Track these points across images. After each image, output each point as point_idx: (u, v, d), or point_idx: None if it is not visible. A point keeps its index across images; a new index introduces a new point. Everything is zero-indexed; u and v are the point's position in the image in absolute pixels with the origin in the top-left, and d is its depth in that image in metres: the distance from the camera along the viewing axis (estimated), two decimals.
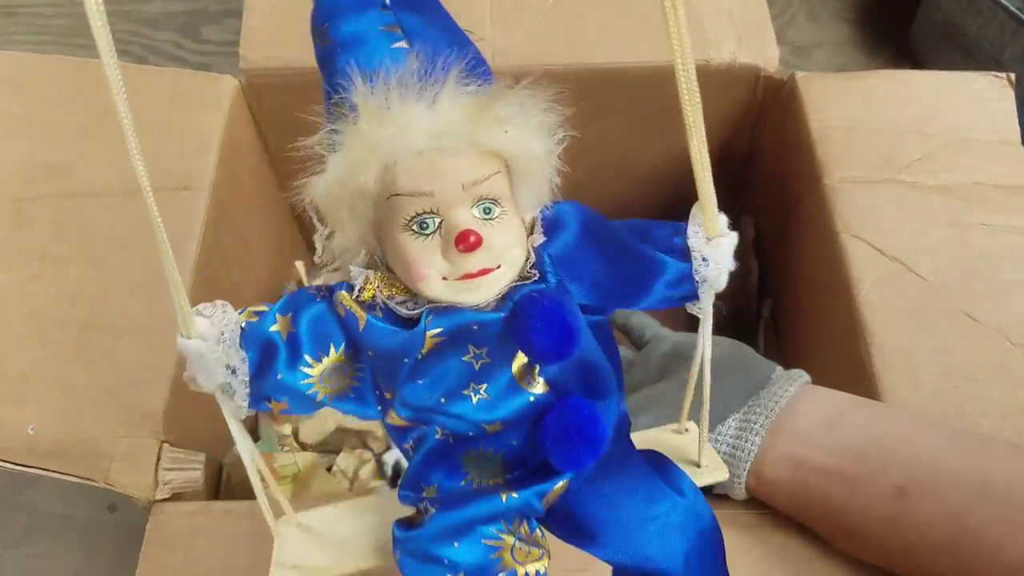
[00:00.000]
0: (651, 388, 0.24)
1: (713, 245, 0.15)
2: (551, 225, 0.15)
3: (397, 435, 0.16)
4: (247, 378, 0.14)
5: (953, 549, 0.19)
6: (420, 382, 0.14)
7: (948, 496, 0.20)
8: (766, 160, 0.39)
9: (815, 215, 0.31)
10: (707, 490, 0.30)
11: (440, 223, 0.13)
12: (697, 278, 0.15)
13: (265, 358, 0.14)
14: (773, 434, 0.22)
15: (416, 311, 0.14)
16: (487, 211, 0.14)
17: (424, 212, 0.13)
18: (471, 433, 0.15)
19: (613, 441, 0.15)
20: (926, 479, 0.20)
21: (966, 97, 0.32)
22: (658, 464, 0.16)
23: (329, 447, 0.37)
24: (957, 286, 0.28)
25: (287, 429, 0.35)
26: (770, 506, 0.23)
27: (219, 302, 0.14)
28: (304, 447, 0.36)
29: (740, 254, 0.16)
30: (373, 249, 0.14)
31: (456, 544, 0.15)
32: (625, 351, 0.28)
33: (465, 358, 0.14)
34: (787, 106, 0.34)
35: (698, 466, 0.19)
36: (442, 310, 0.14)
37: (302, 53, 0.34)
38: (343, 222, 0.14)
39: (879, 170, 0.31)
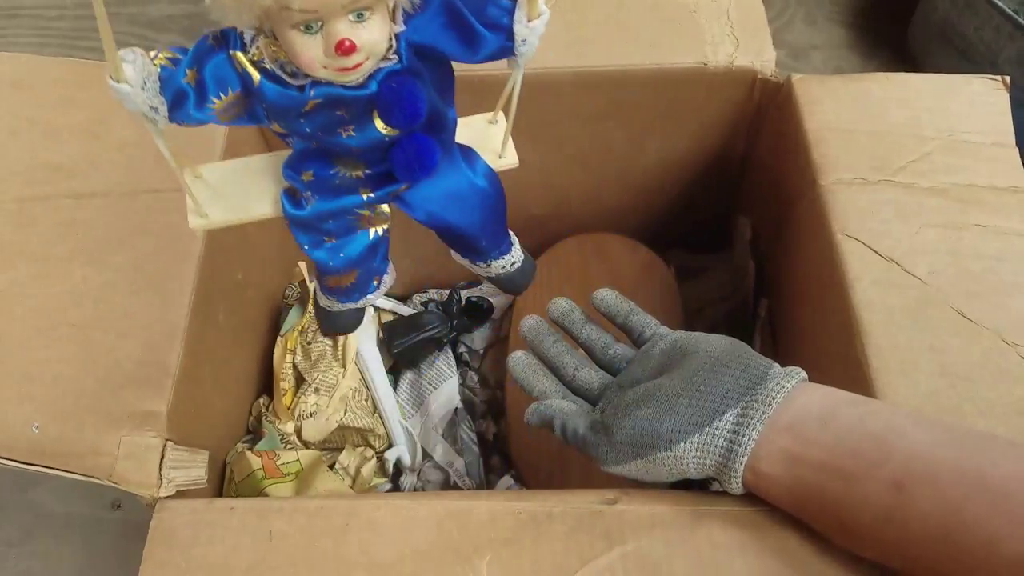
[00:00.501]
0: (649, 383, 0.25)
1: (531, 27, 0.19)
2: (417, 6, 0.18)
3: (280, 135, 0.20)
4: (166, 114, 0.18)
5: (951, 543, 0.19)
6: (303, 121, 0.19)
7: (945, 490, 0.20)
8: (763, 161, 0.39)
9: (811, 216, 0.32)
10: (705, 486, 0.30)
11: (322, 25, 0.17)
12: (516, 54, 0.19)
13: (178, 100, 0.18)
14: (770, 429, 0.22)
15: (300, 82, 0.18)
16: (360, 15, 0.17)
17: (310, 19, 0.16)
18: (340, 150, 0.20)
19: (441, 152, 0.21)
20: (923, 473, 0.20)
21: (961, 99, 0.33)
22: (466, 154, 0.22)
23: (331, 445, 0.37)
24: (952, 287, 0.28)
25: (290, 427, 0.36)
26: (766, 502, 0.23)
27: (136, 49, 0.17)
28: (307, 445, 0.36)
29: (737, 254, 0.16)
30: (263, 22, 0.17)
31: (331, 221, 0.22)
32: (625, 349, 0.29)
33: (338, 112, 0.18)
34: (784, 108, 0.35)
35: (500, 156, 0.23)
36: (322, 84, 0.18)
37: None
38: (239, 13, 0.17)
39: (875, 172, 0.31)
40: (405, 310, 0.44)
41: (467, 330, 0.44)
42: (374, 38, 0.17)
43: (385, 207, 0.22)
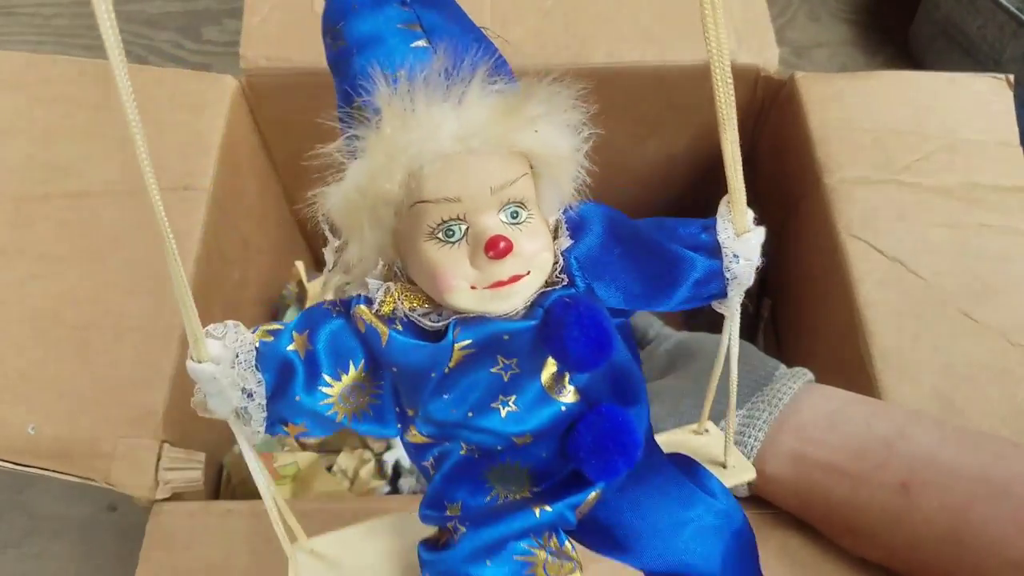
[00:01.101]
0: (654, 383, 0.24)
1: (742, 240, 0.15)
2: (576, 226, 0.15)
3: (416, 453, 0.15)
4: (264, 401, 0.13)
5: (956, 545, 0.19)
6: (446, 397, 0.14)
7: (951, 491, 0.20)
8: (766, 160, 0.39)
9: (815, 215, 0.31)
10: None
11: (467, 230, 0.13)
12: (727, 275, 0.15)
13: (282, 379, 0.13)
14: (776, 430, 0.22)
15: (441, 323, 0.13)
16: (515, 215, 0.13)
17: (451, 219, 0.13)
18: (499, 447, 0.14)
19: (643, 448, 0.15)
20: (929, 474, 0.20)
21: (965, 98, 0.32)
22: (686, 467, 0.16)
23: (329, 447, 0.37)
24: (956, 287, 0.28)
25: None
26: (772, 503, 0.23)
27: (230, 322, 0.13)
28: (304, 447, 0.36)
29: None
30: (391, 260, 0.14)
31: (488, 563, 0.14)
32: None
33: (494, 370, 0.13)
34: (787, 106, 0.34)
35: (724, 467, 0.18)
36: (470, 320, 0.13)
37: (302, 53, 0.34)
38: (362, 232, 0.13)
39: (879, 170, 0.31)
40: None
41: None
42: (535, 246, 0.13)
43: (570, 548, 0.15)
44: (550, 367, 0.14)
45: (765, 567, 0.22)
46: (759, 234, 0.15)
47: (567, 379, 0.14)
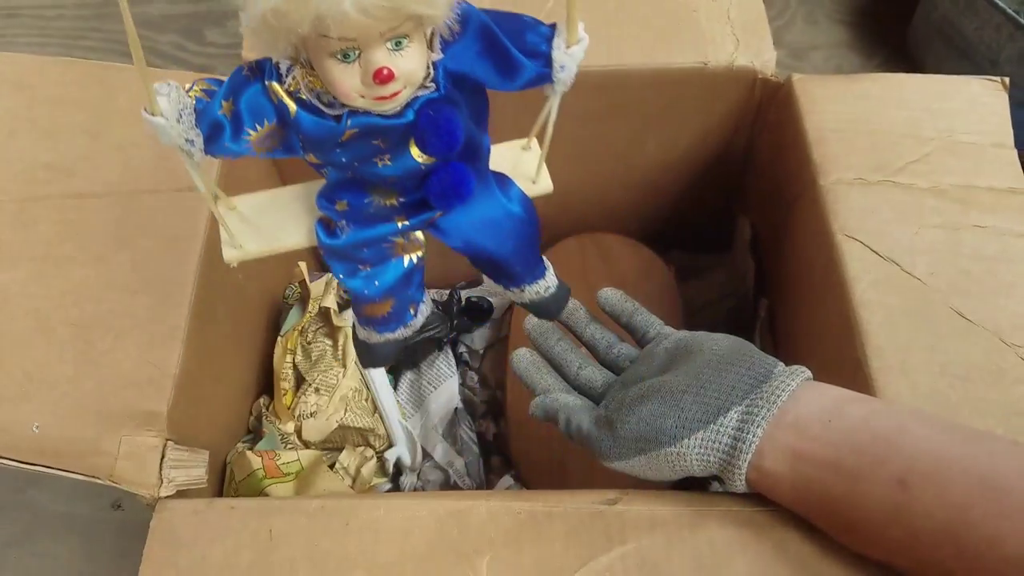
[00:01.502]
0: (654, 380, 0.25)
1: (570, 54, 0.18)
2: (450, 31, 0.18)
3: (314, 166, 0.20)
4: (202, 147, 0.18)
5: (955, 542, 0.19)
6: (338, 151, 0.18)
7: (949, 487, 0.20)
8: (763, 161, 0.39)
9: (811, 216, 0.32)
10: (705, 486, 0.30)
11: (359, 54, 0.16)
12: (555, 79, 0.19)
13: (215, 133, 0.18)
14: (774, 427, 0.22)
15: (337, 112, 0.18)
16: (398, 43, 0.16)
17: (347, 48, 0.16)
18: (375, 180, 0.20)
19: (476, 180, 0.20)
20: (927, 470, 0.20)
21: (960, 100, 0.33)
22: (500, 180, 0.22)
23: (331, 445, 0.37)
24: (951, 287, 0.28)
25: (290, 427, 0.36)
26: (770, 500, 0.23)
27: (171, 82, 0.17)
28: (307, 445, 0.36)
29: (737, 254, 0.17)
30: (299, 51, 0.17)
31: (365, 250, 0.21)
32: (629, 349, 0.29)
33: (375, 142, 0.18)
34: (784, 108, 0.35)
35: (533, 183, 0.23)
36: (359, 114, 0.18)
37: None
38: (274, 42, 0.16)
39: (874, 172, 0.31)
40: None
41: (467, 330, 0.44)
42: (412, 67, 0.17)
43: (419, 235, 0.22)
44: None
45: (763, 564, 0.23)
46: (583, 45, 0.18)
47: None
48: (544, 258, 0.25)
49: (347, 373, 0.37)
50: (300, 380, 0.37)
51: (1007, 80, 0.33)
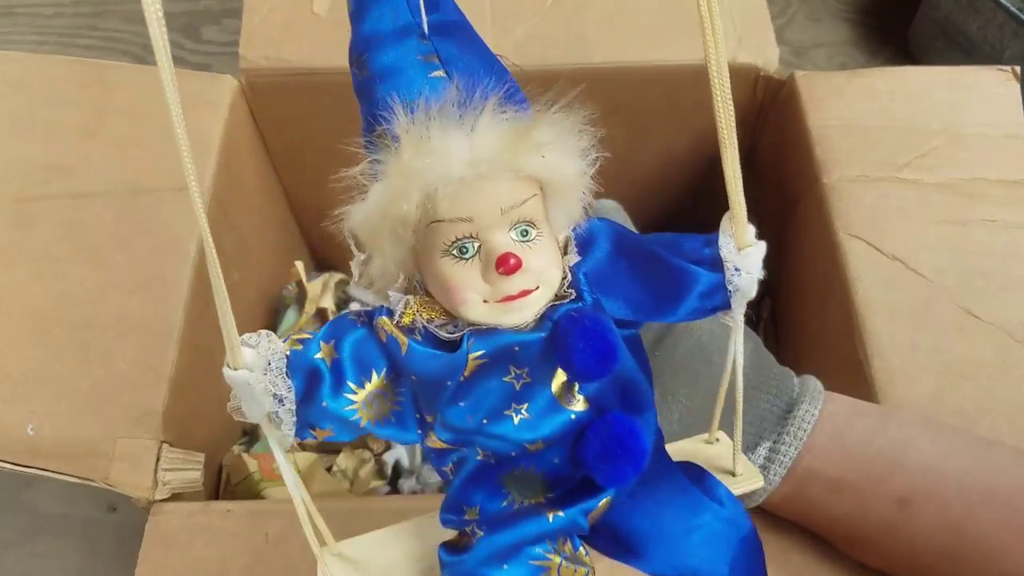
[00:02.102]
0: (685, 403, 0.24)
1: (744, 255, 0.15)
2: (584, 243, 0.16)
3: (436, 458, 0.16)
4: (293, 407, 0.14)
5: (955, 556, 0.19)
6: (462, 404, 0.14)
7: (951, 504, 0.20)
8: (766, 159, 0.39)
9: (814, 214, 0.31)
10: None
11: (479, 247, 0.14)
12: (730, 288, 0.15)
13: (310, 386, 0.14)
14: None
15: (457, 334, 0.14)
16: (524, 233, 0.14)
17: (464, 237, 0.14)
18: (513, 453, 0.15)
19: (651, 455, 0.15)
20: (929, 488, 0.20)
21: (969, 92, 0.32)
22: (695, 475, 0.17)
23: (329, 447, 0.37)
24: (958, 283, 0.28)
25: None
26: (771, 513, 0.23)
27: (264, 332, 0.14)
28: (304, 447, 0.36)
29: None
30: (411, 274, 0.15)
31: (505, 567, 0.15)
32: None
33: (506, 379, 0.14)
34: (787, 106, 0.34)
35: (733, 475, 0.19)
36: (483, 332, 0.14)
37: (302, 54, 0.34)
38: (383, 249, 0.14)
39: (879, 168, 0.31)
40: None
41: None
42: (543, 262, 0.14)
43: (583, 553, 0.16)
44: (560, 377, 0.15)
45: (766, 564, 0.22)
46: (760, 248, 0.15)
47: (576, 388, 0.15)
48: None
49: None
50: None
51: (1017, 69, 0.32)
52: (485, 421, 0.14)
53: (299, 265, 0.40)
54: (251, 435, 0.37)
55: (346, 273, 0.43)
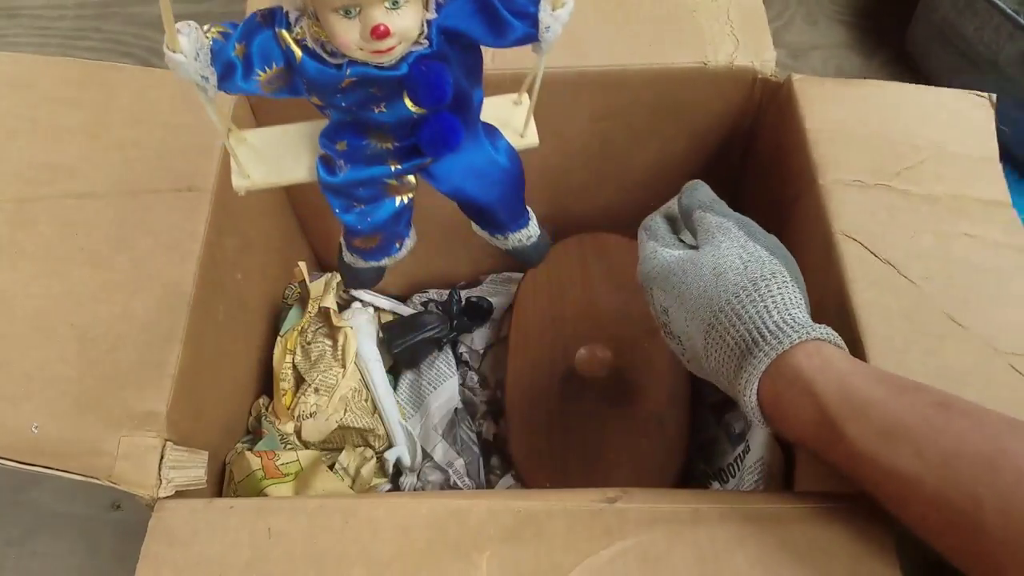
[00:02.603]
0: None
1: (555, 16, 0.20)
2: None
3: (318, 107, 0.21)
4: (215, 84, 0.19)
5: (991, 467, 0.19)
6: (339, 97, 0.20)
7: (987, 420, 0.20)
8: (763, 161, 0.39)
9: (811, 215, 0.32)
10: (705, 485, 0.29)
11: (359, 11, 0.18)
12: (540, 39, 0.20)
13: (227, 72, 0.20)
14: (818, 344, 0.23)
15: (338, 61, 0.19)
16: (395, 3, 0.18)
17: (349, 4, 0.18)
18: (372, 124, 0.21)
19: (465, 135, 0.22)
20: (965, 407, 0.21)
21: (951, 114, 0.33)
22: (489, 132, 0.24)
23: (331, 445, 0.37)
24: (944, 293, 0.28)
25: (290, 428, 0.36)
26: (781, 413, 0.23)
27: (191, 23, 0.19)
28: (306, 445, 0.36)
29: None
30: (306, 6, 0.19)
31: (361, 189, 0.23)
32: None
33: (371, 90, 0.20)
34: (784, 108, 0.35)
35: (521, 135, 0.25)
36: (357, 63, 0.19)
37: None
38: None
39: (872, 175, 0.31)
40: (405, 310, 0.44)
41: (467, 330, 0.44)
42: (407, 24, 0.18)
43: (411, 178, 0.24)
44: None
45: (764, 559, 0.23)
46: (569, 7, 0.20)
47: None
48: (528, 208, 0.26)
49: (347, 373, 0.37)
50: (300, 380, 0.37)
51: (994, 97, 0.33)
52: (355, 108, 0.20)
53: (302, 266, 0.40)
54: (254, 433, 0.37)
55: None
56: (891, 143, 0.32)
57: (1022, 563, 0.18)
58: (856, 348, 0.27)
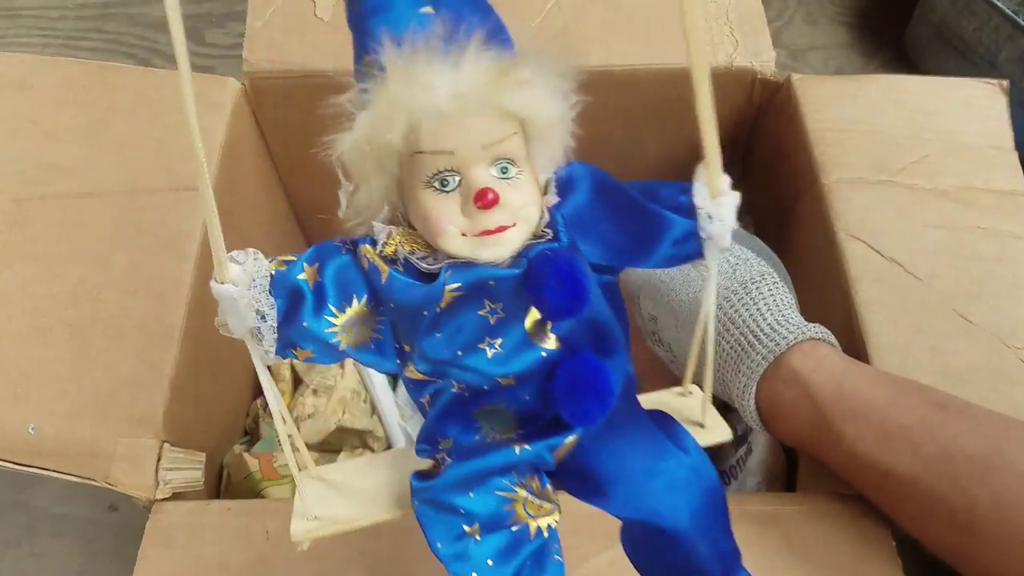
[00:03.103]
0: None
1: (717, 203, 0.15)
2: (564, 186, 0.16)
3: (415, 389, 0.16)
4: (275, 324, 0.15)
5: (987, 466, 0.19)
6: (438, 335, 0.15)
7: (984, 422, 0.20)
8: (763, 161, 0.39)
9: (813, 215, 0.32)
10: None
11: (460, 181, 0.14)
12: (703, 235, 0.16)
13: (292, 305, 0.15)
14: (816, 344, 0.22)
15: (436, 267, 0.14)
16: (504, 171, 0.14)
17: (445, 170, 0.14)
18: (485, 387, 0.15)
19: (621, 399, 0.16)
20: (962, 406, 0.21)
21: (959, 102, 0.33)
22: (663, 423, 0.17)
23: (330, 447, 0.37)
24: (952, 288, 0.28)
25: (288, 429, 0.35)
26: (783, 414, 0.23)
27: (251, 250, 0.15)
28: (308, 447, 0.36)
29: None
30: (396, 206, 0.15)
31: (471, 494, 0.15)
32: None
33: (481, 312, 0.15)
34: (784, 108, 0.34)
35: (702, 426, 0.19)
36: (461, 265, 0.14)
37: (304, 56, 0.34)
38: (368, 177, 0.14)
39: (876, 172, 0.31)
40: None
41: None
42: (522, 200, 0.14)
43: (551, 491, 0.16)
44: (534, 315, 0.15)
45: (765, 559, 0.22)
46: (733, 197, 0.16)
47: (548, 327, 0.15)
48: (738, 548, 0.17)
49: (345, 374, 0.37)
50: (298, 381, 0.37)
51: (1006, 83, 0.33)
52: (459, 353, 0.15)
53: None
54: (252, 435, 0.37)
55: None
56: (895, 138, 0.32)
57: (1015, 562, 0.18)
58: (860, 348, 0.27)
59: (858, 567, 0.22)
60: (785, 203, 0.35)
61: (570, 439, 0.16)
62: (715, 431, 0.19)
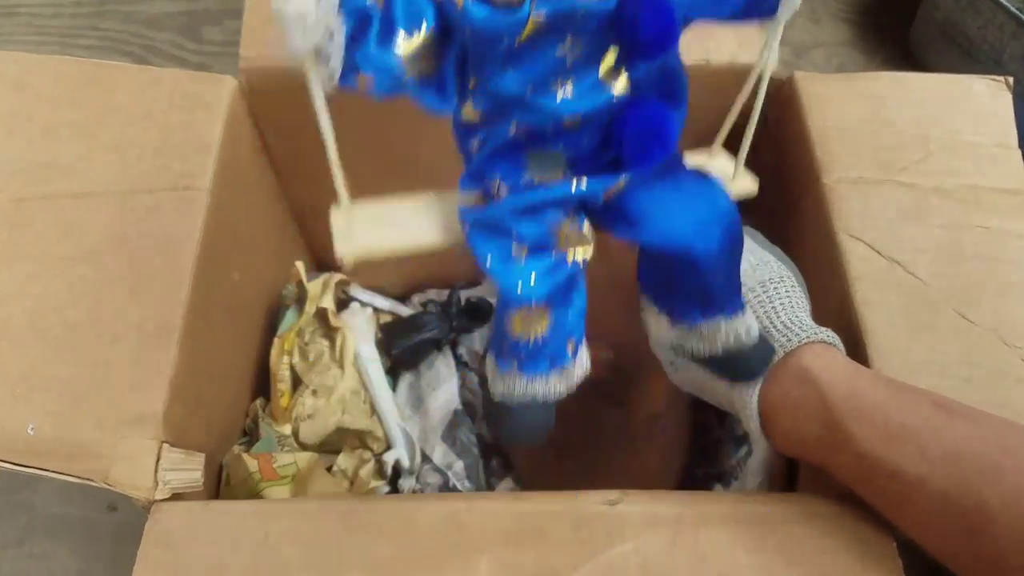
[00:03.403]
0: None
1: None
2: None
3: (464, 134, 0.16)
4: (343, 42, 0.14)
5: (995, 469, 0.19)
6: (511, 71, 0.14)
7: (985, 424, 0.20)
8: (765, 159, 0.39)
9: (814, 214, 0.31)
10: (707, 488, 0.29)
11: None
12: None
13: (360, 26, 0.14)
14: (819, 346, 0.23)
15: None
16: None
17: None
18: (549, 128, 0.15)
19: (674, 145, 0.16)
20: (962, 409, 0.21)
21: (964, 100, 0.32)
22: (699, 173, 0.18)
23: (329, 447, 0.37)
24: (954, 288, 0.28)
25: (287, 429, 0.35)
26: (785, 417, 0.23)
27: None
28: (304, 447, 0.36)
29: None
30: None
31: (525, 221, 0.16)
32: None
33: (559, 51, 0.14)
34: (787, 106, 0.34)
35: (732, 179, 0.20)
36: None
37: None
38: None
39: (878, 170, 0.31)
40: (404, 310, 0.44)
41: (467, 331, 0.44)
42: None
43: (587, 228, 0.17)
44: (609, 59, 0.15)
45: (766, 561, 0.22)
46: None
47: (623, 70, 0.15)
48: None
49: (345, 375, 0.37)
50: (297, 381, 0.37)
51: (1010, 80, 0.32)
52: (530, 90, 0.14)
53: (299, 265, 0.40)
54: (251, 435, 0.37)
55: (344, 273, 0.43)
56: (898, 136, 0.32)
57: None
58: (859, 349, 0.27)
59: (859, 568, 0.22)
60: (788, 201, 0.35)
61: (622, 180, 0.16)
62: (744, 183, 0.20)
